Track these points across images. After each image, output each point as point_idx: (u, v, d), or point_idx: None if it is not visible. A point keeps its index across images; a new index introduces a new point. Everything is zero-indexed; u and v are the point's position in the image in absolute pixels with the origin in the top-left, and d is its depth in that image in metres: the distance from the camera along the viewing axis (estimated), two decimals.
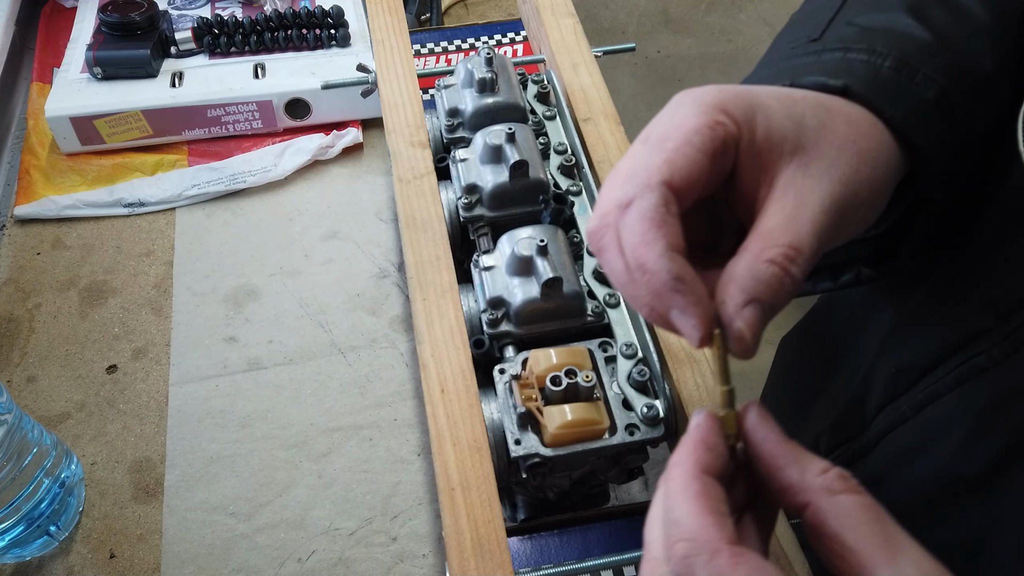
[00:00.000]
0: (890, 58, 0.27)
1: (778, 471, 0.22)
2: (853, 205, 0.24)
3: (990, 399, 0.30)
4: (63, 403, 0.48)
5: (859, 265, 0.31)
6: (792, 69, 0.28)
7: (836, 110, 0.25)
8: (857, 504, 0.21)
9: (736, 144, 0.24)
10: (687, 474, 0.22)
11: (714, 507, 0.21)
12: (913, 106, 0.26)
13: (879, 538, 0.20)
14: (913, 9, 0.28)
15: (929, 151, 0.26)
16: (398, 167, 0.46)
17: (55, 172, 0.59)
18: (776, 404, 0.51)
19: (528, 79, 0.50)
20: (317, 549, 0.42)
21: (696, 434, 0.23)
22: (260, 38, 0.62)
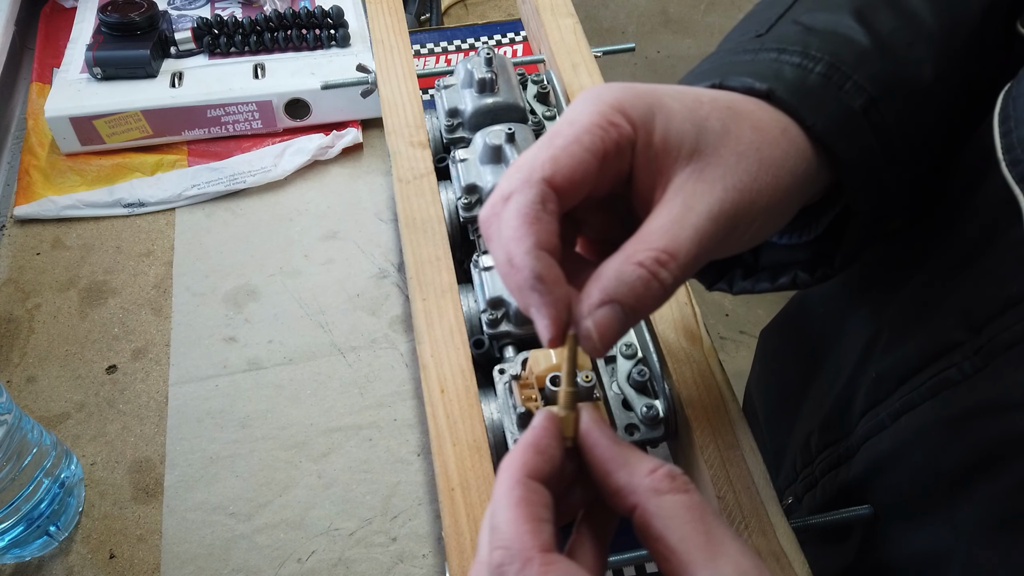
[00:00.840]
0: (822, 63, 0.26)
1: (608, 475, 0.22)
2: (748, 213, 0.24)
3: (959, 413, 0.29)
4: (63, 403, 0.48)
5: (796, 269, 0.31)
6: (726, 66, 0.27)
7: (744, 115, 0.25)
8: (681, 504, 0.21)
9: (632, 145, 0.24)
10: (511, 478, 0.22)
11: (533, 513, 0.21)
12: (837, 115, 0.26)
13: (700, 538, 0.20)
14: (859, 12, 0.28)
15: (852, 162, 0.26)
16: (398, 167, 0.46)
17: (55, 172, 0.59)
18: (765, 397, 0.51)
19: (528, 79, 0.50)
20: (317, 549, 0.42)
21: (529, 436, 0.23)
22: (260, 38, 0.62)
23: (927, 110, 0.28)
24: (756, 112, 0.25)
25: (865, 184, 0.26)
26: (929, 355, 0.31)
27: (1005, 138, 0.26)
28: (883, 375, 0.34)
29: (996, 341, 0.27)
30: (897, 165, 0.27)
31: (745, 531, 0.32)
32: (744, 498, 0.32)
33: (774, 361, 0.50)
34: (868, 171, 0.26)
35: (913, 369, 0.32)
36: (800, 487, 0.41)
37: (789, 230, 0.31)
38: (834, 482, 0.37)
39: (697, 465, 0.34)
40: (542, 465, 0.22)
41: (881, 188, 0.27)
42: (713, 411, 0.35)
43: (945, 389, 0.30)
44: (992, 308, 0.27)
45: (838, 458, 0.37)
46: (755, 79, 0.26)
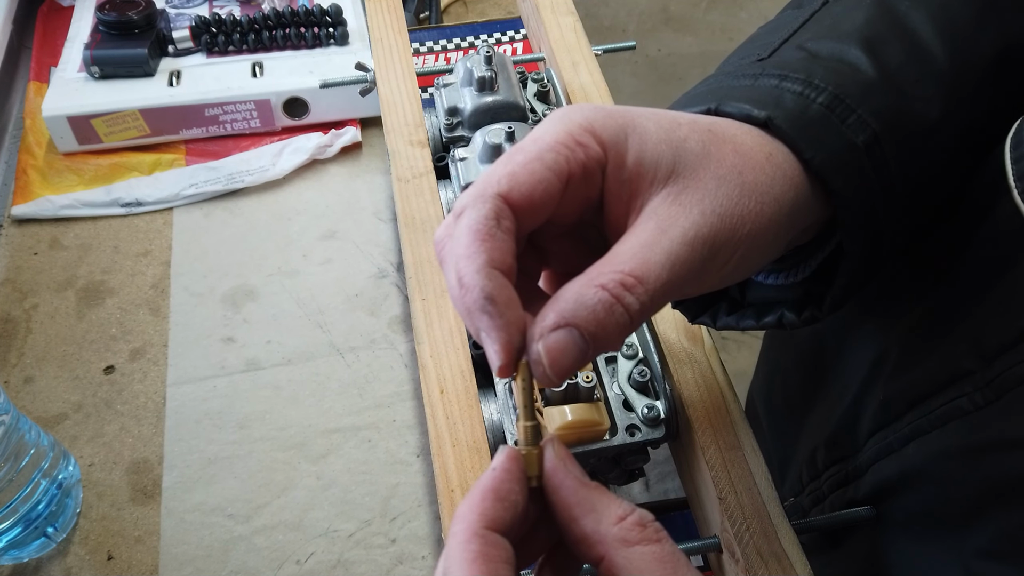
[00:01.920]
0: (825, 93, 0.24)
1: (573, 521, 0.21)
2: (729, 241, 0.22)
3: (970, 445, 0.28)
4: (60, 404, 0.48)
5: (783, 308, 0.29)
6: (723, 91, 0.26)
7: (726, 138, 0.23)
8: (652, 557, 0.19)
9: (602, 168, 0.22)
10: (468, 530, 0.20)
11: (491, 572, 0.19)
12: (838, 149, 0.24)
13: None
14: (867, 42, 0.26)
15: (849, 199, 0.24)
16: (397, 166, 0.45)
17: (52, 172, 0.59)
18: (768, 405, 0.50)
19: (528, 77, 0.50)
20: (316, 551, 0.42)
21: (487, 481, 0.21)
22: (258, 37, 0.62)
23: (932, 151, 0.26)
24: (739, 136, 0.24)
25: (861, 224, 0.25)
26: (939, 382, 0.30)
27: (1016, 165, 0.25)
28: (892, 398, 0.33)
29: (1009, 374, 0.26)
30: (895, 208, 0.25)
31: (747, 532, 0.32)
32: (746, 499, 0.32)
33: (776, 371, 0.49)
34: (865, 210, 0.25)
35: (923, 395, 0.31)
36: (807, 500, 0.40)
37: (778, 269, 0.29)
38: (843, 499, 0.37)
39: (698, 466, 0.34)
40: (502, 514, 0.20)
41: (876, 230, 0.25)
42: (714, 412, 0.35)
43: (955, 419, 0.29)
44: (1004, 339, 0.26)
45: (846, 476, 0.37)
46: (753, 106, 0.24)
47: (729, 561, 0.32)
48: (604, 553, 0.20)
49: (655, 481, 0.46)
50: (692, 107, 0.25)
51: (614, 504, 0.21)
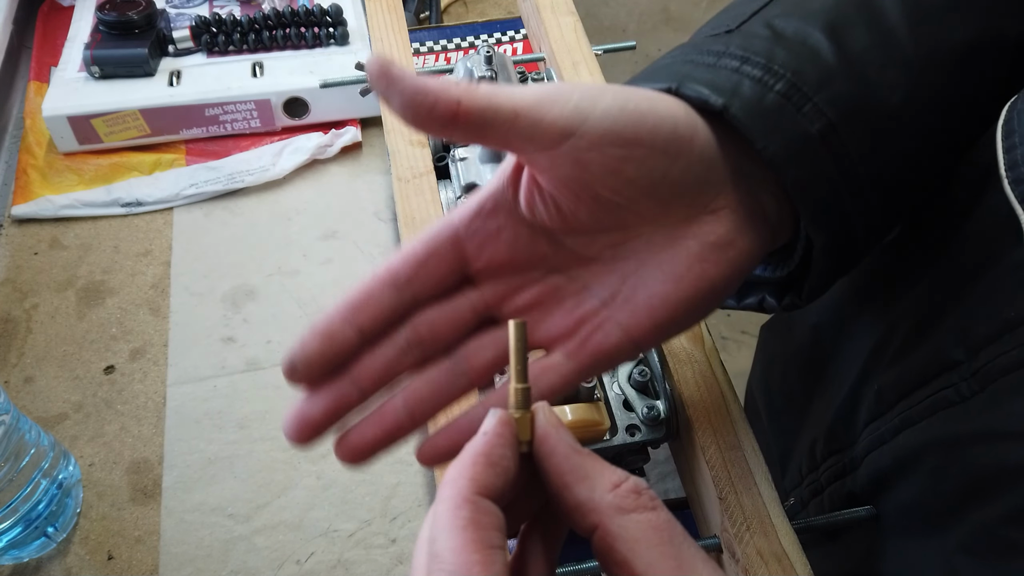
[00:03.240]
0: (783, 81, 0.24)
1: (565, 488, 0.20)
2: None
3: (955, 436, 0.28)
4: (61, 404, 0.48)
5: (765, 291, 0.29)
6: (686, 69, 0.26)
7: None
8: (648, 525, 0.19)
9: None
10: (458, 496, 0.19)
11: (483, 539, 0.18)
12: (791, 139, 0.24)
13: (670, 563, 0.18)
14: (831, 25, 0.26)
15: (804, 189, 0.24)
16: (397, 166, 0.45)
17: (52, 172, 0.59)
18: (767, 399, 0.50)
19: (528, 77, 0.50)
20: (316, 551, 0.42)
21: (480, 445, 0.20)
22: (258, 36, 0.62)
23: (897, 138, 0.25)
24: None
25: (823, 213, 0.25)
26: (929, 372, 0.30)
27: (1008, 154, 0.25)
28: (884, 388, 0.33)
29: (992, 365, 0.26)
30: (862, 194, 0.25)
31: (747, 532, 0.32)
32: (746, 499, 0.32)
33: (774, 364, 0.49)
34: (825, 199, 0.24)
35: (913, 385, 0.31)
36: (805, 492, 0.40)
37: (763, 262, 0.29)
38: (841, 491, 0.37)
39: (698, 466, 0.34)
40: (493, 479, 0.19)
41: (843, 218, 0.25)
42: (715, 411, 0.35)
43: (942, 409, 0.29)
44: (989, 330, 0.26)
45: (843, 468, 0.37)
46: (712, 91, 0.24)
47: (729, 561, 0.32)
48: (599, 521, 0.19)
49: (655, 481, 0.46)
50: (654, 83, 0.25)
51: (608, 471, 0.20)
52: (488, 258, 0.25)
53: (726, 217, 0.24)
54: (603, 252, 0.25)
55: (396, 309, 0.24)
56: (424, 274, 0.24)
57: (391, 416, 0.24)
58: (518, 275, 0.25)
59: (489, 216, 0.25)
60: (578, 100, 0.22)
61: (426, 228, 0.25)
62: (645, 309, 0.24)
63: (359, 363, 0.24)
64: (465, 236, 0.25)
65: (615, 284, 0.25)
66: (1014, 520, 0.26)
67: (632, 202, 0.23)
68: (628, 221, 0.24)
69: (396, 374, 0.24)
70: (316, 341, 0.23)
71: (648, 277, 0.24)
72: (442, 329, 0.24)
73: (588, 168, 0.22)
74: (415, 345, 0.24)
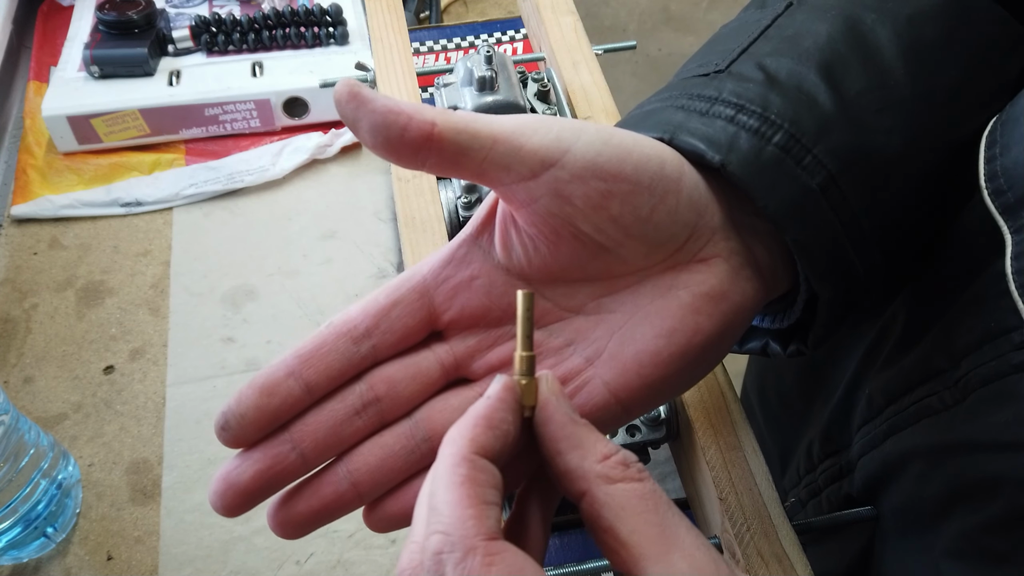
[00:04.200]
0: (781, 132, 0.23)
1: (558, 455, 0.20)
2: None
3: (937, 444, 0.28)
4: (60, 404, 0.48)
5: (768, 338, 0.28)
6: (678, 118, 0.24)
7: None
8: (633, 494, 0.19)
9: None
10: (457, 454, 0.19)
11: (478, 495, 0.18)
12: (792, 195, 0.23)
13: (653, 530, 0.18)
14: (827, 67, 0.25)
15: (808, 245, 0.23)
16: (397, 166, 0.45)
17: (52, 171, 0.59)
18: (763, 399, 0.50)
19: (528, 77, 0.50)
20: (315, 551, 0.42)
21: (481, 408, 0.20)
22: (258, 36, 0.62)
23: (897, 182, 0.25)
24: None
25: (827, 267, 0.24)
26: (914, 379, 0.29)
27: (988, 164, 0.25)
28: (874, 393, 0.33)
29: (973, 375, 0.26)
30: (865, 244, 0.24)
31: (747, 533, 0.31)
32: (746, 500, 0.32)
33: (770, 366, 0.49)
34: (829, 254, 0.23)
35: (900, 391, 0.30)
36: (803, 492, 0.40)
37: (764, 312, 0.28)
38: (838, 493, 0.37)
39: (699, 466, 0.34)
40: (492, 442, 0.19)
41: (847, 270, 0.24)
42: (715, 412, 0.34)
43: (926, 416, 0.29)
44: (971, 340, 0.26)
45: (840, 470, 0.37)
46: (708, 146, 0.23)
47: (730, 562, 0.32)
48: (586, 488, 0.19)
49: (655, 481, 0.46)
50: (644, 132, 0.24)
51: (600, 443, 0.20)
52: (459, 309, 0.23)
53: (718, 266, 0.23)
54: (586, 304, 0.23)
55: (352, 364, 0.22)
56: (385, 326, 0.22)
57: (330, 487, 0.21)
58: (492, 329, 0.23)
59: (461, 263, 0.23)
60: (559, 130, 0.21)
61: (393, 279, 0.23)
62: (634, 367, 0.22)
63: (301, 422, 0.21)
64: (433, 285, 0.23)
65: (600, 339, 0.23)
66: (993, 529, 0.26)
67: (616, 244, 0.22)
68: (612, 268, 0.23)
69: (345, 439, 0.22)
70: (254, 395, 0.21)
71: (636, 332, 0.22)
72: (403, 387, 0.22)
73: (570, 201, 0.21)
74: (370, 404, 0.22)
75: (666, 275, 0.23)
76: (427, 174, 0.45)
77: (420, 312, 0.23)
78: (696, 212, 0.23)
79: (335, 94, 0.20)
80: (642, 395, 0.22)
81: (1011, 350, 0.24)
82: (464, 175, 0.21)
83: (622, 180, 0.21)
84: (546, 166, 0.21)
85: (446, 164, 0.20)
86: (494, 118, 0.21)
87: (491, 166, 0.20)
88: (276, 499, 0.22)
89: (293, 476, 0.22)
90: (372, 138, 0.20)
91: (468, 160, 0.20)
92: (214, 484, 0.21)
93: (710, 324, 0.22)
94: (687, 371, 0.23)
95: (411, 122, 0.20)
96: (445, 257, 0.23)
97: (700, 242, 0.23)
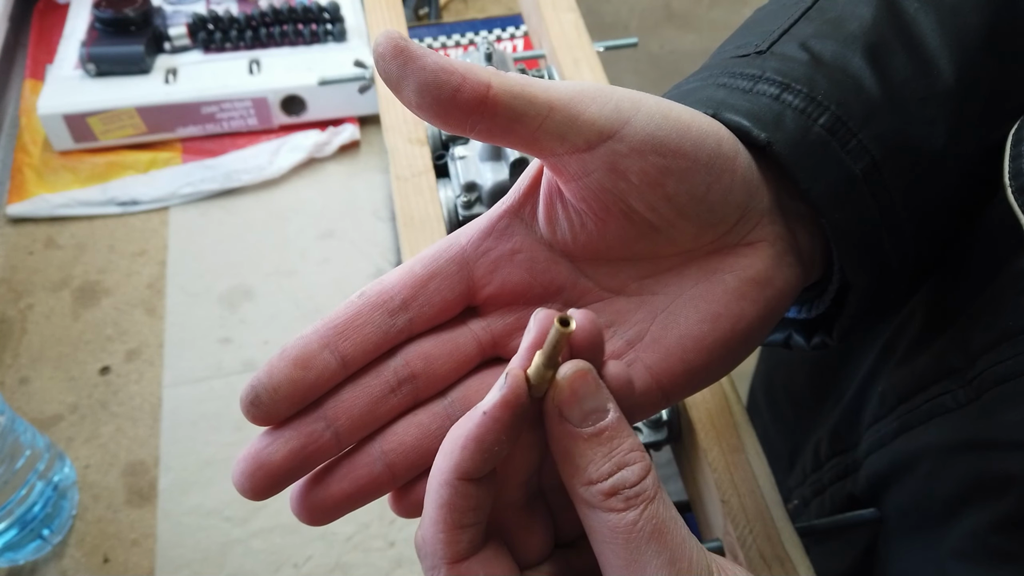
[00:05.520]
0: (828, 114, 0.22)
1: (555, 460, 0.19)
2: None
3: (949, 443, 0.28)
4: (56, 405, 0.47)
5: (792, 329, 0.28)
6: (720, 94, 0.24)
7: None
8: (608, 525, 0.18)
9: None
10: (440, 478, 0.18)
11: (454, 520, 0.18)
12: (836, 180, 0.22)
13: (619, 562, 0.18)
14: (872, 50, 0.24)
15: (847, 231, 0.22)
16: (396, 165, 0.45)
17: (48, 170, 0.58)
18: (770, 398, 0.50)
19: (529, 75, 0.49)
20: (313, 554, 0.42)
21: (473, 429, 0.18)
22: (255, 33, 0.62)
23: (937, 173, 0.24)
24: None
25: (864, 255, 0.23)
26: (928, 377, 0.29)
27: (1014, 162, 0.24)
28: (886, 391, 0.32)
29: (988, 374, 0.25)
30: (901, 234, 0.24)
31: (750, 535, 0.31)
32: (748, 502, 0.32)
33: (780, 364, 0.49)
34: (866, 242, 0.23)
35: (913, 389, 0.30)
36: (808, 490, 0.40)
37: (794, 302, 0.28)
38: (842, 492, 0.37)
39: (701, 469, 0.34)
40: (480, 464, 0.18)
41: (883, 259, 0.23)
42: (717, 414, 0.34)
43: (939, 415, 0.28)
44: (988, 339, 0.25)
45: (845, 469, 0.37)
46: (753, 124, 0.22)
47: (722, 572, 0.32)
48: (576, 506, 0.19)
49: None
50: (691, 104, 0.24)
51: (592, 465, 0.18)
52: (499, 284, 0.22)
53: (764, 251, 0.22)
54: (628, 285, 0.22)
55: (387, 338, 0.21)
56: (423, 298, 0.21)
57: (365, 469, 0.20)
58: (531, 307, 0.22)
59: (502, 235, 0.22)
60: (619, 100, 0.20)
61: (429, 248, 0.22)
62: (678, 352, 0.21)
63: (335, 398, 0.20)
64: (473, 257, 0.21)
65: (643, 322, 0.22)
66: (1001, 529, 0.26)
67: (667, 223, 0.21)
68: (659, 248, 0.22)
69: (380, 418, 0.20)
70: (287, 368, 0.20)
71: (680, 315, 0.21)
72: (439, 364, 0.21)
73: (625, 177, 0.20)
74: (406, 381, 0.21)
75: (712, 258, 0.22)
76: (426, 173, 0.44)
77: (459, 285, 0.21)
78: (748, 194, 0.22)
79: (376, 47, 0.18)
80: (683, 381, 0.22)
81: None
82: (513, 143, 0.19)
83: (681, 156, 0.20)
84: (603, 138, 0.19)
85: (497, 130, 0.19)
86: (550, 83, 0.19)
87: (545, 135, 0.19)
88: (303, 482, 0.20)
89: (325, 456, 0.20)
90: (419, 98, 0.18)
91: (521, 127, 0.19)
92: (241, 464, 0.19)
93: (754, 310, 0.22)
94: (728, 357, 0.22)
95: (464, 82, 0.18)
96: (485, 228, 0.22)
97: (749, 225, 0.22)
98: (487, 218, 0.22)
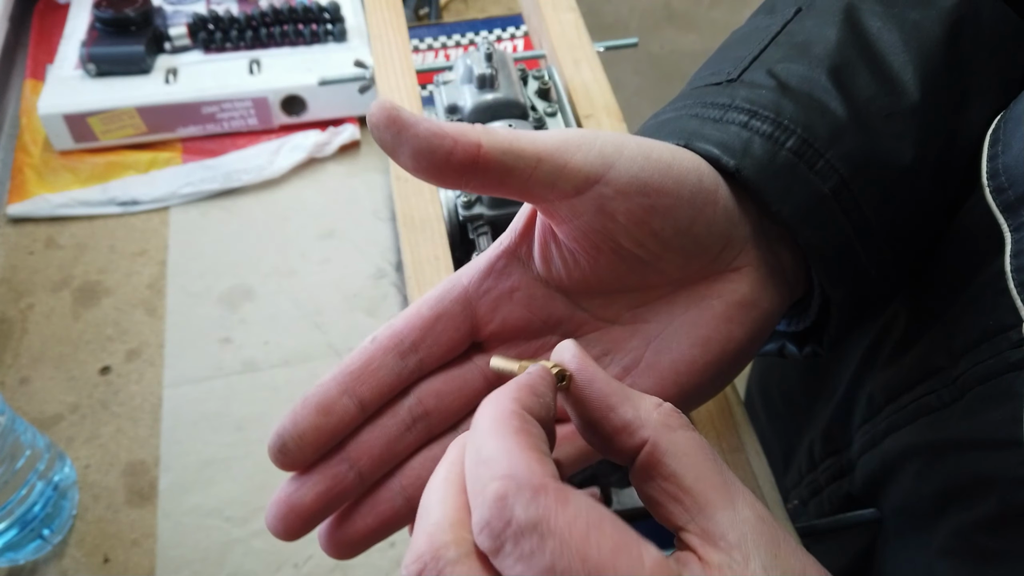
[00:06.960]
0: (794, 137, 0.23)
1: (611, 410, 0.19)
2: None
3: (935, 443, 0.28)
4: (56, 405, 0.47)
5: (785, 339, 0.29)
6: (692, 125, 0.25)
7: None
8: (695, 442, 0.18)
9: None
10: (505, 410, 0.17)
11: (535, 445, 0.17)
12: (805, 199, 0.23)
13: (717, 478, 0.18)
14: (836, 71, 0.25)
15: (820, 249, 0.23)
16: (396, 165, 0.45)
17: (48, 170, 0.58)
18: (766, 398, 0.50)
19: (529, 75, 0.49)
20: (314, 554, 0.42)
21: (524, 378, 0.19)
22: (256, 33, 0.62)
23: (906, 186, 0.25)
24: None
25: (838, 269, 0.24)
26: (914, 377, 0.29)
27: (991, 162, 0.25)
28: (874, 392, 0.33)
29: (971, 373, 0.26)
30: (875, 246, 0.25)
31: None
32: None
33: (773, 365, 0.49)
34: (840, 256, 0.24)
35: (900, 389, 0.30)
36: (805, 491, 0.40)
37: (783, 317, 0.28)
38: (840, 492, 0.37)
39: None
40: (537, 409, 0.18)
41: (858, 271, 0.24)
42: (717, 413, 0.34)
43: (924, 415, 0.29)
44: (970, 338, 0.26)
45: (840, 469, 0.37)
46: (722, 151, 0.23)
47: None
48: (648, 437, 0.18)
49: None
50: (663, 137, 0.25)
51: (647, 395, 0.19)
52: (501, 321, 0.23)
53: (749, 275, 0.23)
54: (622, 314, 0.23)
55: (400, 379, 0.22)
56: (431, 339, 0.22)
57: (386, 504, 0.21)
58: (532, 340, 0.23)
59: (501, 275, 0.23)
60: (602, 145, 0.21)
61: (432, 289, 0.23)
62: (671, 375, 0.23)
63: (356, 440, 0.21)
64: (476, 297, 0.23)
65: (638, 349, 0.23)
66: (986, 528, 0.26)
67: (655, 257, 0.22)
68: (649, 279, 0.23)
69: (398, 455, 0.22)
70: (311, 415, 0.21)
71: (672, 341, 0.23)
72: (449, 400, 0.22)
73: (613, 218, 0.21)
74: (420, 419, 0.22)
75: (700, 285, 0.23)
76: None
77: (464, 325, 0.23)
78: (731, 223, 0.23)
79: (370, 118, 0.19)
80: (678, 403, 0.22)
81: (1008, 348, 0.24)
82: (507, 193, 0.21)
83: (664, 194, 0.21)
84: (590, 183, 0.21)
85: (490, 184, 0.20)
86: (536, 135, 0.21)
87: (536, 184, 0.20)
88: (331, 521, 0.22)
89: (351, 495, 0.21)
90: (415, 163, 0.20)
91: (513, 179, 0.20)
92: (274, 508, 0.21)
93: (742, 332, 0.23)
94: (719, 378, 0.23)
95: (456, 145, 0.19)
96: (485, 268, 0.23)
97: (733, 252, 0.23)
98: (486, 258, 0.23)
